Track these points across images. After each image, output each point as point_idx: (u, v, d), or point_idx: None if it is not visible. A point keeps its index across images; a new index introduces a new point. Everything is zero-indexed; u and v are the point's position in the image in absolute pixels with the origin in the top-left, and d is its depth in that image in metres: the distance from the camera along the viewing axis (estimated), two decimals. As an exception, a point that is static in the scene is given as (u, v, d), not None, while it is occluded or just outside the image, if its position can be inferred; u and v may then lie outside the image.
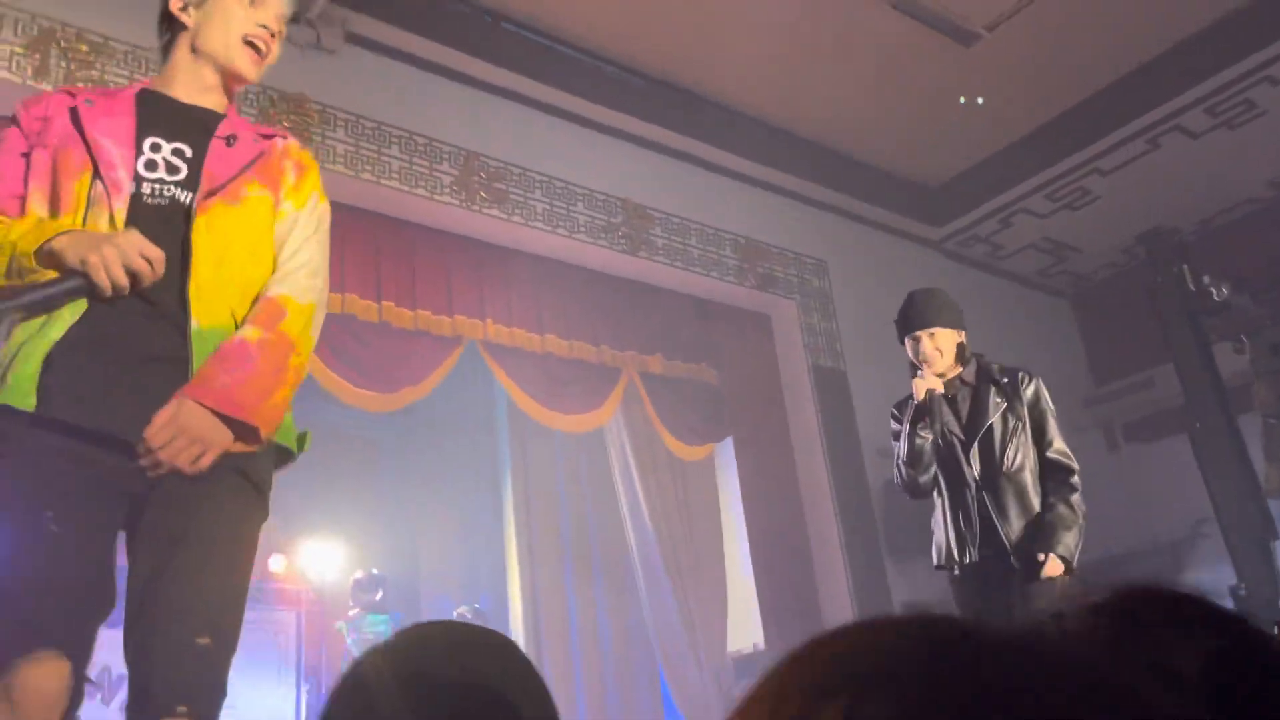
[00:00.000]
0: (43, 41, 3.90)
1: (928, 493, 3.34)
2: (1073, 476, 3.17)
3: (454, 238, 5.03)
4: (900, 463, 3.36)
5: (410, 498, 6.95)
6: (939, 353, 3.29)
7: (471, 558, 6.91)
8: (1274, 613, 4.66)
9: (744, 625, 5.92)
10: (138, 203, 1.73)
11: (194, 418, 1.58)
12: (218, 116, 1.88)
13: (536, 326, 5.31)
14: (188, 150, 1.81)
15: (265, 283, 1.79)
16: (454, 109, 4.97)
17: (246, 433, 1.65)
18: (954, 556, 3.19)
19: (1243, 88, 5.88)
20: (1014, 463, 3.15)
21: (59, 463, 1.58)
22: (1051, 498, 3.13)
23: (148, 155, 1.77)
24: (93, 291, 1.57)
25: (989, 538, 3.13)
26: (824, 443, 5.85)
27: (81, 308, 1.63)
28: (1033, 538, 3.06)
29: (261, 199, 1.83)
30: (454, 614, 6.05)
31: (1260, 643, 0.47)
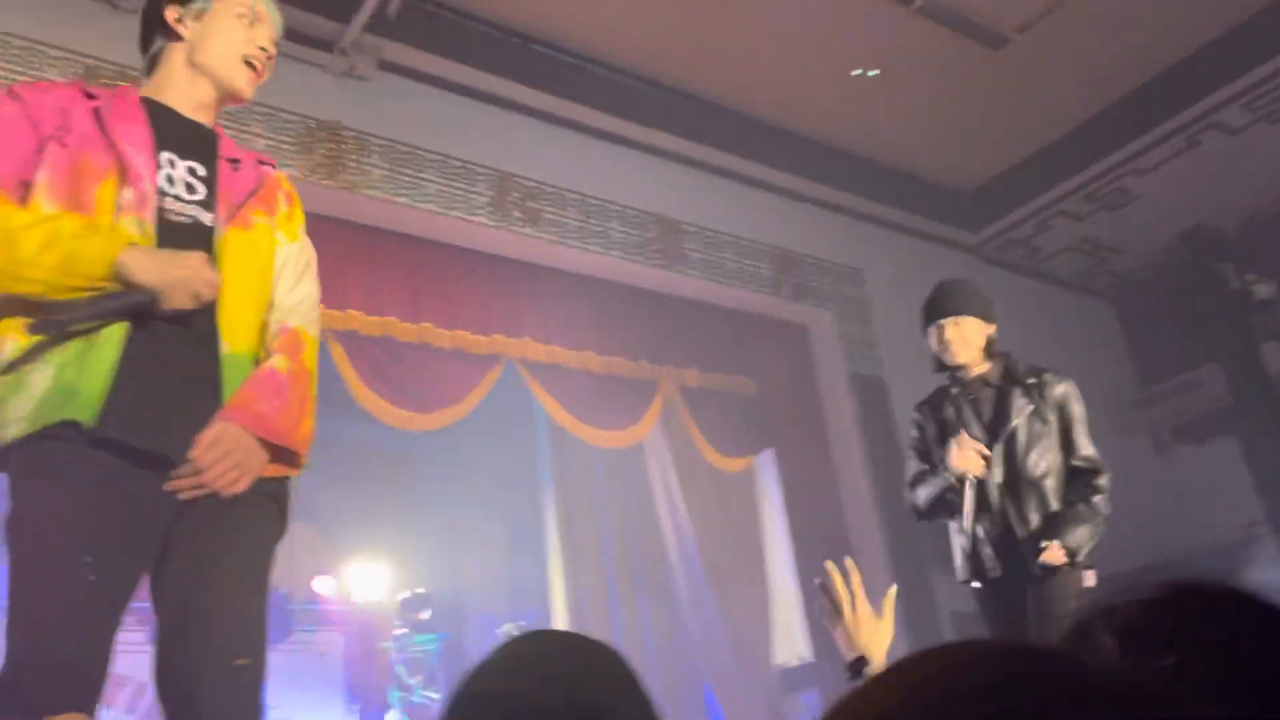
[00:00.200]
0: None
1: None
2: (1099, 479, 2.97)
3: (490, 257, 5.07)
4: (914, 499, 3.22)
5: (453, 516, 6.99)
6: (964, 342, 3.07)
7: (515, 574, 6.94)
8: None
9: (790, 637, 5.89)
10: (163, 219, 1.71)
11: (238, 440, 1.60)
12: (214, 136, 1.87)
13: (573, 343, 5.34)
14: (201, 170, 1.79)
15: (265, 311, 1.80)
16: (487, 130, 5.03)
17: (286, 458, 1.69)
18: (976, 568, 3.01)
19: (1281, 81, 5.81)
20: (1038, 469, 2.97)
21: (109, 501, 1.55)
22: (1072, 496, 2.96)
23: (166, 170, 1.75)
24: (148, 310, 1.58)
25: (1009, 547, 2.94)
26: (865, 451, 5.81)
27: (125, 328, 1.60)
28: (1044, 533, 2.90)
29: (266, 227, 1.84)
30: (499, 632, 6.08)
31: None
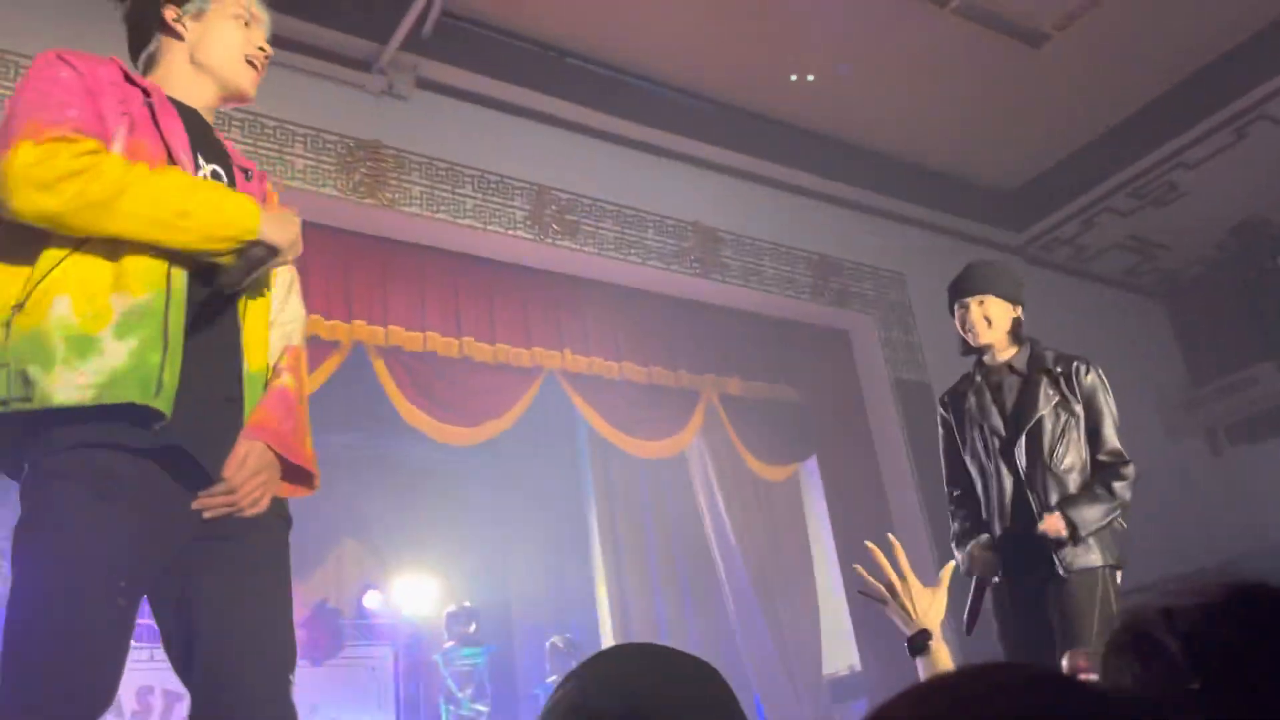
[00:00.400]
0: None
1: None
2: (1124, 468, 2.86)
3: (529, 271, 5.10)
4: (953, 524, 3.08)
5: (498, 529, 7.02)
6: (987, 322, 2.98)
7: (561, 586, 6.95)
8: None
9: (838, 646, 5.83)
10: None
11: (264, 460, 1.61)
12: (221, 141, 1.85)
13: (614, 354, 5.35)
14: (223, 175, 1.75)
15: (269, 328, 1.78)
16: (524, 145, 5.06)
17: (302, 478, 1.71)
18: (998, 564, 2.89)
19: (1332, 70, 5.67)
20: (1063, 462, 2.86)
21: (147, 519, 1.50)
22: (1092, 480, 2.86)
23: (201, 171, 1.70)
24: (255, 269, 1.62)
25: (1030, 543, 2.82)
26: (910, 456, 5.74)
27: (181, 341, 1.54)
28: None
29: None
30: (547, 645, 6.09)
31: None
